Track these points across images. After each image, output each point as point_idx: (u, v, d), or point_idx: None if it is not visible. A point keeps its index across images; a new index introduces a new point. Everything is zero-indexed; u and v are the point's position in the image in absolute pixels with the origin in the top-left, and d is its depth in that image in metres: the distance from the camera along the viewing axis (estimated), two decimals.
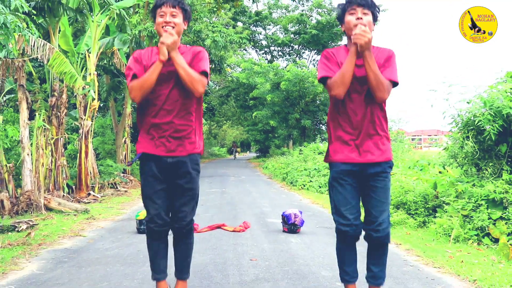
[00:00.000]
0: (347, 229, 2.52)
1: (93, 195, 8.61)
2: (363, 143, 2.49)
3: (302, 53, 30.23)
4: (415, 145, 18.62)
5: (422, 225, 5.53)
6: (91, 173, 9.16)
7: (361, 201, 2.63)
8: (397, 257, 4.10)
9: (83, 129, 8.98)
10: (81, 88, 8.58)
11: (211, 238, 4.90)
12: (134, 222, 5.75)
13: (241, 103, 29.35)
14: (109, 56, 11.29)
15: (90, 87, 8.77)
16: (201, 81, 2.51)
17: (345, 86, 2.41)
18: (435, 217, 5.38)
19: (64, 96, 8.56)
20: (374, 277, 2.61)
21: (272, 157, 22.24)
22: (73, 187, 8.86)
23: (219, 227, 5.47)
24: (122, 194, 9.62)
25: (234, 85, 28.18)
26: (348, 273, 2.63)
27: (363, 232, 2.60)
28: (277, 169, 15.93)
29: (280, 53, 31.00)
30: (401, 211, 5.84)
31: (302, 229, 5.40)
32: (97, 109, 9.61)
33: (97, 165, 10.07)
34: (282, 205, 7.86)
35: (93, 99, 9.07)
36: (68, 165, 8.99)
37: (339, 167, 2.53)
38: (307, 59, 29.66)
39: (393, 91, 2.51)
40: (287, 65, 23.73)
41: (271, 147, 26.86)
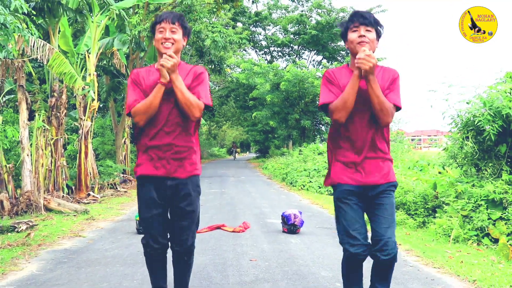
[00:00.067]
0: (359, 251, 2.45)
1: (93, 196, 8.62)
2: (365, 166, 2.45)
3: (301, 53, 30.22)
4: (414, 146, 18.67)
5: (421, 225, 5.54)
6: (90, 173, 9.16)
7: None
8: (397, 258, 4.11)
9: (82, 129, 8.98)
10: (81, 88, 8.58)
11: (211, 238, 4.91)
12: (133, 222, 5.76)
13: (241, 104, 29.36)
14: (109, 56, 11.31)
15: (89, 87, 8.77)
16: (198, 106, 2.49)
17: (347, 111, 2.37)
18: (434, 218, 5.39)
19: (63, 96, 8.58)
20: None
21: (271, 157, 22.27)
22: (73, 187, 8.87)
23: (218, 227, 5.46)
24: (121, 194, 9.64)
25: (233, 85, 28.19)
26: None
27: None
28: (277, 169, 15.94)
29: (279, 54, 30.98)
30: (401, 211, 5.85)
31: (301, 229, 5.41)
32: (96, 110, 9.63)
33: (97, 165, 10.07)
34: (281, 205, 7.88)
35: (93, 100, 9.07)
36: (67, 166, 9.01)
37: (342, 187, 2.48)
38: (306, 59, 29.65)
39: None
40: (287, 66, 23.72)
41: (271, 148, 26.88)
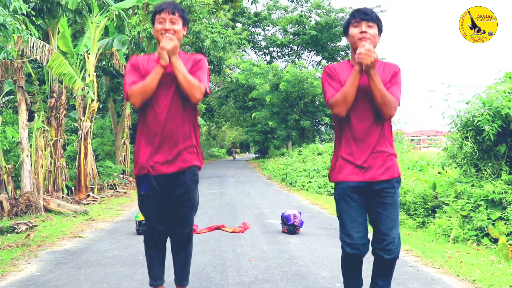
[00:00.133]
0: (354, 252, 2.45)
1: (93, 196, 8.62)
2: (369, 161, 2.43)
3: (301, 54, 30.27)
4: (414, 146, 18.71)
5: (421, 225, 5.56)
6: (90, 174, 9.17)
7: (368, 219, 2.56)
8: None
9: (82, 130, 8.98)
10: (80, 89, 8.58)
11: (210, 239, 4.91)
12: (133, 223, 5.75)
13: (240, 104, 29.39)
14: (108, 57, 11.31)
15: (89, 88, 8.78)
16: (199, 88, 2.49)
17: (347, 105, 2.38)
18: (434, 218, 5.40)
19: (63, 97, 8.57)
20: None
21: (271, 158, 22.28)
22: (73, 188, 8.87)
23: (218, 228, 5.47)
24: (121, 195, 9.63)
25: (233, 86, 28.23)
26: (353, 285, 2.61)
27: (370, 247, 2.53)
28: (276, 170, 15.96)
29: (279, 54, 31.03)
30: (401, 211, 5.85)
31: (301, 230, 5.41)
32: (96, 110, 9.63)
33: (96, 166, 10.07)
34: (281, 206, 7.88)
35: (92, 100, 9.08)
36: (67, 167, 9.00)
37: (344, 184, 2.47)
38: (306, 60, 29.73)
39: None
40: (286, 66, 23.78)
41: (270, 148, 26.92)
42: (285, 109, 22.65)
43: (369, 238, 2.53)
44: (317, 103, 23.10)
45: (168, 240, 2.75)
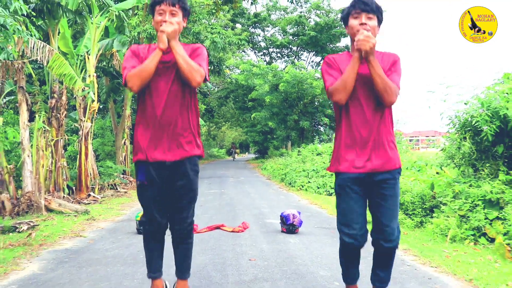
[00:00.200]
0: (352, 241, 2.46)
1: (93, 196, 8.64)
2: (370, 151, 2.42)
3: (300, 54, 30.34)
4: (412, 146, 18.73)
5: (419, 225, 5.56)
6: (91, 174, 9.19)
7: (368, 208, 2.56)
8: (395, 257, 4.14)
9: (83, 130, 9.01)
10: (81, 89, 8.60)
11: (210, 238, 4.92)
12: (134, 222, 5.78)
13: (240, 105, 29.43)
14: (109, 57, 11.32)
15: (89, 88, 8.79)
16: (199, 71, 2.45)
17: (347, 92, 2.35)
18: (432, 217, 5.41)
19: (64, 97, 8.58)
20: (380, 280, 2.60)
21: (270, 158, 22.33)
22: (73, 188, 8.89)
23: (218, 227, 5.49)
24: (122, 195, 9.66)
25: (233, 86, 28.26)
26: (351, 276, 2.62)
27: (370, 238, 2.53)
28: (276, 170, 15.98)
29: (278, 55, 31.11)
30: (399, 211, 5.86)
31: (300, 229, 5.43)
32: (96, 111, 9.64)
33: (97, 166, 10.08)
34: (280, 205, 7.90)
35: (93, 101, 9.10)
36: (68, 167, 9.01)
37: (345, 175, 2.45)
38: (305, 60, 29.81)
39: None
40: (286, 67, 23.83)
41: (270, 148, 26.93)
42: (284, 109, 22.67)
43: (368, 229, 2.54)
44: (316, 103, 23.15)
45: (168, 234, 2.72)
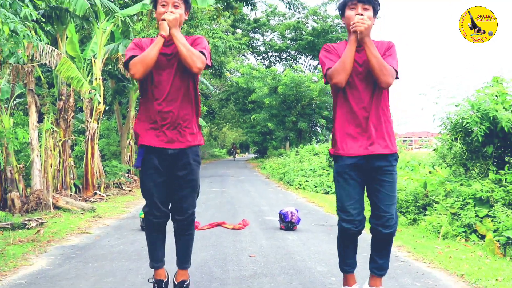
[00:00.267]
0: (350, 227, 2.46)
1: (99, 194, 8.74)
2: (368, 135, 2.43)
3: (298, 58, 30.74)
4: (406, 147, 18.77)
5: (412, 222, 5.59)
6: (97, 173, 9.27)
7: (366, 194, 2.56)
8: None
9: (89, 131, 9.12)
10: (88, 92, 8.72)
11: (212, 235, 4.98)
12: (138, 220, 5.86)
13: (240, 107, 29.69)
14: (114, 61, 11.36)
15: (96, 91, 8.91)
16: (200, 57, 2.44)
17: (346, 73, 2.35)
18: (425, 215, 5.45)
19: (71, 100, 8.68)
20: (379, 268, 2.60)
21: (269, 158, 22.40)
22: (80, 186, 8.98)
23: (219, 225, 5.55)
24: (126, 193, 9.75)
25: (233, 89, 28.48)
26: (348, 264, 2.64)
27: (368, 225, 2.54)
28: (275, 169, 16.06)
29: (277, 59, 31.49)
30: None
31: (298, 226, 5.48)
32: (102, 112, 9.69)
33: (103, 165, 10.16)
34: (279, 204, 7.92)
35: (99, 103, 9.21)
36: (75, 166, 9.08)
37: (344, 161, 2.46)
38: (303, 64, 30.25)
39: (394, 87, 2.58)
40: (284, 70, 24.10)
41: (269, 149, 26.97)
42: (283, 111, 22.93)
43: (366, 216, 2.56)
44: (313, 105, 23.40)
45: (170, 224, 2.73)
